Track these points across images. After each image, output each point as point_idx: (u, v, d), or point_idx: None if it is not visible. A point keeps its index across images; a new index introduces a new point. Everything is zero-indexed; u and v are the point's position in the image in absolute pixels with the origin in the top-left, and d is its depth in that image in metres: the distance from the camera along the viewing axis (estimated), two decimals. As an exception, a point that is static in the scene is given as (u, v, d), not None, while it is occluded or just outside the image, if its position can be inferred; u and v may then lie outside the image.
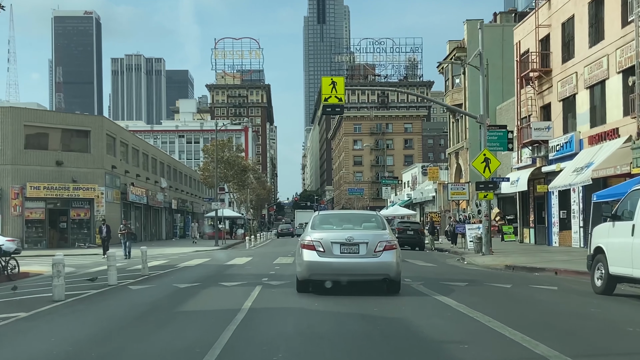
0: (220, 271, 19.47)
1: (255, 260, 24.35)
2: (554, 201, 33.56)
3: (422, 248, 37.01)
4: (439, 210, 59.83)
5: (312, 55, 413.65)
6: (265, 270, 18.99)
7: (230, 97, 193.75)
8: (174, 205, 70.01)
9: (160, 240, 61.79)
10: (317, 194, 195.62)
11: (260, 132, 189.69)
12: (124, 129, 52.69)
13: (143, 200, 56.13)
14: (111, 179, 47.77)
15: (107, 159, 47.38)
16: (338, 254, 12.69)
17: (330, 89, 27.23)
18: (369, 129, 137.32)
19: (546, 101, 34.25)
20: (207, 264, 23.27)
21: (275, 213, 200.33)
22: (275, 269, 19.69)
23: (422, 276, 17.18)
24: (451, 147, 58.71)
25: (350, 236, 12.81)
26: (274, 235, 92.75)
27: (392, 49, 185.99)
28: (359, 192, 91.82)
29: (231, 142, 74.30)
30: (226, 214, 69.89)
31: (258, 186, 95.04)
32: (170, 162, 73.10)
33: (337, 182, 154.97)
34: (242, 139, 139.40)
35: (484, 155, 27.61)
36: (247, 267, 20.76)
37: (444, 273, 18.70)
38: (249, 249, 41.75)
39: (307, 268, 12.80)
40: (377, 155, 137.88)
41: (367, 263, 12.72)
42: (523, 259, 25.13)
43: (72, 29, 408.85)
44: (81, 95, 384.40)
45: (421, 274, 17.92)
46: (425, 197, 64.16)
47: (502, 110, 51.77)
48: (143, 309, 11.22)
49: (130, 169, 53.27)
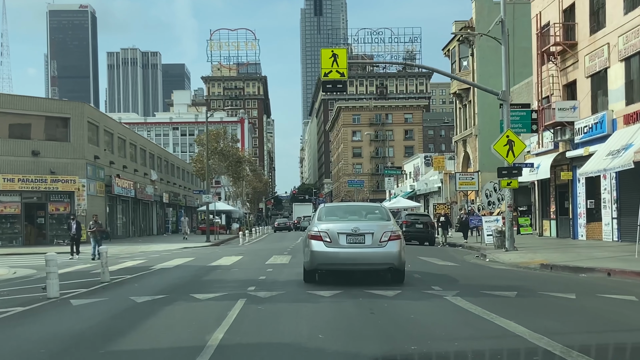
0: (199, 275, 15.97)
1: (244, 260, 20.86)
2: (580, 189, 30.11)
3: (433, 243, 33.56)
4: (445, 201, 56.34)
5: (309, 48, 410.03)
6: (254, 275, 15.50)
7: (227, 89, 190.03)
8: (166, 199, 66.51)
9: (150, 236, 58.29)
10: (316, 187, 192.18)
11: (257, 124, 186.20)
12: (108, 117, 49.16)
13: (130, 194, 52.62)
14: (94, 170, 44.24)
15: (89, 148, 43.84)
16: (344, 244, 12.83)
17: (331, 63, 23.74)
18: (368, 120, 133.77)
19: (571, 78, 30.72)
20: (188, 265, 19.79)
21: (273, 207, 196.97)
22: (267, 272, 16.22)
23: (450, 281, 13.77)
24: (458, 135, 55.24)
25: (356, 227, 12.96)
26: (271, 229, 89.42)
27: (390, 40, 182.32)
28: (359, 184, 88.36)
29: (225, 132, 70.70)
30: (220, 207, 66.45)
31: (254, 179, 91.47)
32: (161, 154, 69.53)
33: (336, 175, 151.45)
34: (238, 130, 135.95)
35: (507, 137, 24.07)
36: (233, 270, 17.26)
37: (473, 276, 15.23)
38: (242, 245, 38.28)
39: (314, 258, 13.00)
40: (376, 146, 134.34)
41: (372, 253, 12.87)
42: (556, 255, 21.68)
43: (68, 22, 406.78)
44: (77, 89, 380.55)
45: (447, 278, 14.49)
46: (430, 188, 60.69)
47: (512, 93, 48.24)
48: (55, 346, 7.52)
49: (115, 159, 49.74)
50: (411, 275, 14.52)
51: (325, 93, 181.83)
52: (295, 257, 21.50)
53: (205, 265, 18.90)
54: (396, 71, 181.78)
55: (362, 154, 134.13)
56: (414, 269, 16.89)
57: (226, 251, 27.79)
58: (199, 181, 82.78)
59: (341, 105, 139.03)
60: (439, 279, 14.20)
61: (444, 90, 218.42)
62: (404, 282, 13.25)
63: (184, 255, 25.45)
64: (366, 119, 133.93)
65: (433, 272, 16.03)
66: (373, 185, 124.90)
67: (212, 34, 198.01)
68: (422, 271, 16.11)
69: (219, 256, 23.02)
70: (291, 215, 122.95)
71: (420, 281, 13.57)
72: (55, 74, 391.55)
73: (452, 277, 14.61)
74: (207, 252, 27.93)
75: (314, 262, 13.05)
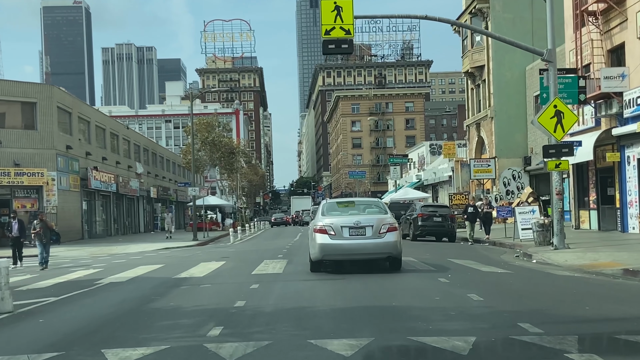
0: (149, 299, 10.94)
1: (225, 269, 15.98)
2: (631, 173, 25.26)
3: (453, 238, 28.69)
4: (458, 191, 51.50)
5: (305, 41, 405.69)
6: (229, 297, 10.49)
7: (222, 82, 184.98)
8: (154, 194, 61.62)
9: (135, 234, 53.44)
10: (314, 180, 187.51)
11: (253, 117, 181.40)
12: (83, 103, 44.26)
13: (111, 188, 47.72)
14: (66, 161, 39.35)
15: (60, 137, 38.94)
16: (347, 237, 13.93)
17: (334, 17, 18.84)
18: (367, 109, 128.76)
19: (617, 41, 25.83)
20: (149, 276, 14.88)
21: (271, 201, 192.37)
22: (250, 292, 11.21)
23: (536, 310, 8.71)
24: (470, 118, 50.32)
25: (357, 220, 14.15)
26: (268, 224, 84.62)
27: (388, 28, 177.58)
28: (361, 175, 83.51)
29: (217, 121, 65.72)
30: (212, 202, 61.66)
31: (249, 171, 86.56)
32: (148, 145, 64.59)
33: (335, 167, 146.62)
34: (233, 122, 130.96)
35: (555, 107, 19.11)
36: (202, 287, 12.28)
37: (555, 295, 10.33)
38: (231, 244, 33.47)
39: (320, 250, 14.01)
40: (377, 136, 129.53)
41: (373, 243, 13.99)
42: (624, 255, 16.96)
43: (62, 19, 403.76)
44: (73, 86, 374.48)
45: (522, 301, 9.53)
46: (440, 178, 55.80)
47: (533, 70, 43.44)
48: None
49: (93, 150, 44.84)
50: (466, 297, 9.64)
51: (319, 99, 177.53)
52: (292, 263, 16.67)
53: (170, 278, 14.00)
54: (395, 60, 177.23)
55: (362, 144, 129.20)
56: (457, 279, 12.10)
57: (210, 253, 22.91)
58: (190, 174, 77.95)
59: (340, 95, 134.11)
60: (512, 303, 9.31)
61: (443, 79, 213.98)
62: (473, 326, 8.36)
63: (155, 260, 20.56)
64: (365, 108, 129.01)
65: (491, 289, 11.14)
66: (374, 176, 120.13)
67: (206, 25, 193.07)
68: (474, 286, 11.24)
69: (196, 262, 18.15)
70: (289, 210, 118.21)
71: (490, 312, 8.54)
72: (49, 69, 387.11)
73: (529, 298, 9.74)
74: (186, 255, 23.06)
75: (320, 253, 14.05)
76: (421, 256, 18.44)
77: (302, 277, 13.45)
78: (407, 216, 30.70)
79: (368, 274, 13.63)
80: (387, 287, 11.43)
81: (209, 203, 61.05)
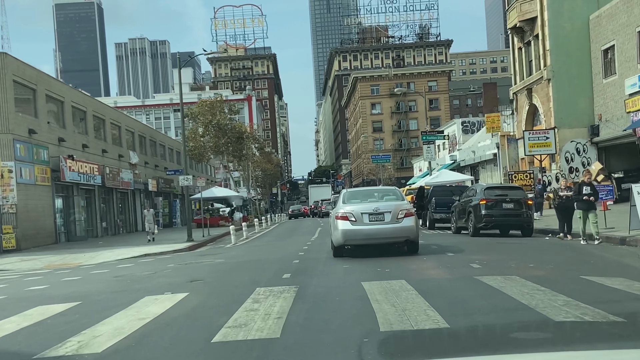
0: None
1: (168, 322, 7.69)
2: None
3: (530, 232, 20.76)
4: (504, 171, 43.47)
5: (319, 29, 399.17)
6: None
7: (234, 70, 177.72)
8: (152, 187, 54.09)
9: (128, 234, 46.03)
10: (333, 169, 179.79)
11: (268, 105, 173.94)
12: (53, 79, 36.64)
13: (95, 180, 40.21)
14: (28, 149, 31.84)
15: (19, 119, 31.43)
16: (367, 222, 14.76)
17: None
18: (388, 90, 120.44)
19: None
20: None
21: (289, 192, 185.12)
22: None
23: None
24: (518, 84, 42.20)
25: (376, 207, 15.01)
26: (285, 217, 77.15)
27: (405, 8, 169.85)
28: (385, 159, 75.62)
29: (221, 101, 57.99)
30: (219, 193, 54.11)
31: (262, 159, 78.76)
32: (145, 132, 57.00)
33: (355, 154, 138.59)
34: (245, 109, 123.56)
35: None
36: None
37: None
38: (231, 246, 25.86)
39: (342, 235, 14.82)
40: (398, 119, 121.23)
41: (391, 228, 14.71)
42: None
43: (74, 15, 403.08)
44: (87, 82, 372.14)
45: None
46: (481, 157, 47.64)
47: (599, 19, 35.29)
48: None
49: (69, 136, 37.35)
50: None
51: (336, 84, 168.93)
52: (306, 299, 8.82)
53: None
54: (413, 41, 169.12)
55: (382, 127, 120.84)
56: None
57: (182, 269, 14.92)
58: (196, 164, 70.29)
59: (357, 76, 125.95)
60: None
61: (463, 60, 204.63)
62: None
63: (83, 287, 12.55)
64: (386, 89, 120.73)
65: None
66: (397, 162, 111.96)
67: (216, 12, 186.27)
68: None
69: (138, 295, 10.10)
70: (308, 200, 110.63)
71: None
72: (61, 66, 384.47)
73: None
74: (149, 271, 14.94)
75: (342, 238, 14.85)
76: (528, 272, 10.57)
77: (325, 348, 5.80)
78: (462, 203, 22.81)
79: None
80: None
81: (215, 195, 53.59)
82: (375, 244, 15.15)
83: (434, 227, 27.58)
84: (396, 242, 15.23)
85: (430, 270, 11.65)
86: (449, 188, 30.23)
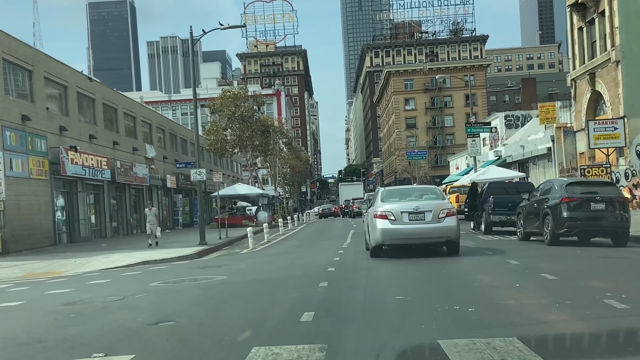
0: None
1: None
2: None
3: (625, 240, 16.12)
4: (560, 167, 38.58)
5: (350, 26, 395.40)
6: None
7: (264, 66, 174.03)
8: (171, 183, 50.11)
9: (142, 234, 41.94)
10: (364, 167, 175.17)
11: (297, 102, 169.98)
12: (54, 60, 32.58)
13: (104, 175, 36.21)
14: (21, 138, 27.91)
15: (10, 103, 27.50)
16: (407, 222, 14.27)
17: None
18: (422, 85, 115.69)
19: None
20: None
21: (319, 190, 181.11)
22: None
23: None
24: (576, 70, 37.23)
25: (417, 206, 14.46)
26: (315, 216, 72.78)
27: (439, 2, 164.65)
28: (421, 155, 70.74)
29: (246, 91, 53.70)
30: (242, 191, 49.95)
31: (290, 155, 74.33)
32: (164, 124, 53.04)
33: (387, 151, 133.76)
34: (274, 104, 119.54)
35: None
36: None
37: None
38: (248, 252, 21.63)
39: (381, 234, 14.31)
40: (433, 115, 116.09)
41: (432, 228, 14.21)
42: None
43: (107, 14, 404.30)
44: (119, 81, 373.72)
45: None
46: (532, 152, 42.61)
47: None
48: None
49: (72, 125, 33.41)
50: None
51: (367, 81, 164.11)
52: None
53: None
54: (447, 37, 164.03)
55: (416, 124, 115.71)
56: None
57: (159, 297, 10.32)
58: (220, 160, 66.25)
59: (390, 70, 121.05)
60: None
61: (499, 56, 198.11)
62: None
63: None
64: (420, 84, 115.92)
65: None
66: (431, 159, 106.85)
67: (246, 7, 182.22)
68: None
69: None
70: (338, 199, 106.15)
71: None
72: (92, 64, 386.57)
73: None
74: (111, 298, 10.21)
75: (381, 238, 14.32)
76: None
77: None
78: (532, 203, 18.14)
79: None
80: None
81: (238, 192, 49.47)
82: (415, 244, 14.83)
83: (490, 231, 22.84)
84: (437, 243, 14.82)
85: (545, 310, 7.12)
86: (510, 185, 25.42)
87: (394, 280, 10.36)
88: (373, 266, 12.93)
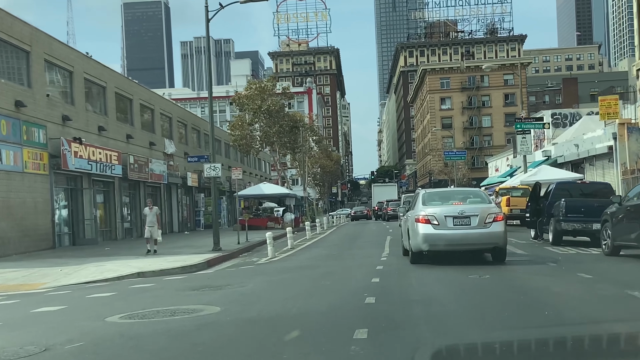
0: None
1: None
2: None
3: None
4: (623, 168, 34.13)
5: (384, 28, 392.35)
6: None
7: (295, 65, 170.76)
8: (192, 181, 46.64)
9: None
10: (396, 169, 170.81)
11: (329, 102, 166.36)
12: (57, 41, 29.20)
13: (114, 171, 32.79)
14: (15, 126, 24.54)
15: (1, 87, 24.13)
16: (451, 226, 13.42)
17: None
18: (459, 84, 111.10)
19: None
20: None
21: (350, 192, 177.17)
22: None
23: None
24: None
25: (462, 210, 13.62)
26: (346, 218, 68.93)
27: (476, 1, 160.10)
28: (460, 156, 66.39)
29: (273, 83, 50.03)
30: (268, 191, 46.26)
31: (320, 154, 70.52)
32: (186, 118, 49.62)
33: (421, 152, 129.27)
34: (304, 103, 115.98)
35: None
36: None
37: None
38: (266, 262, 17.98)
39: (423, 240, 13.52)
40: (470, 115, 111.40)
41: (478, 233, 13.38)
42: None
43: (142, 14, 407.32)
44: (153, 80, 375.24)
45: None
46: (589, 151, 38.14)
47: None
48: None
49: (78, 115, 30.06)
50: None
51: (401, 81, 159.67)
52: None
53: None
54: (484, 36, 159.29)
55: (452, 124, 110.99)
56: None
57: (102, 351, 7.00)
58: (246, 159, 62.71)
59: (426, 68, 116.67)
60: None
61: (536, 57, 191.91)
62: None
63: None
64: (457, 82, 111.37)
65: None
66: (468, 161, 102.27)
67: (278, 5, 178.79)
68: None
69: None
70: (370, 201, 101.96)
71: None
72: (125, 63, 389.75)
73: None
74: (31, 349, 7.11)
75: (423, 243, 13.53)
76: None
77: None
78: (630, 209, 14.01)
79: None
80: None
81: (263, 192, 45.82)
82: (460, 250, 13.98)
83: (560, 241, 18.60)
84: (483, 250, 14.06)
85: None
86: (584, 185, 21.09)
87: (480, 328, 6.49)
88: (432, 294, 9.08)
